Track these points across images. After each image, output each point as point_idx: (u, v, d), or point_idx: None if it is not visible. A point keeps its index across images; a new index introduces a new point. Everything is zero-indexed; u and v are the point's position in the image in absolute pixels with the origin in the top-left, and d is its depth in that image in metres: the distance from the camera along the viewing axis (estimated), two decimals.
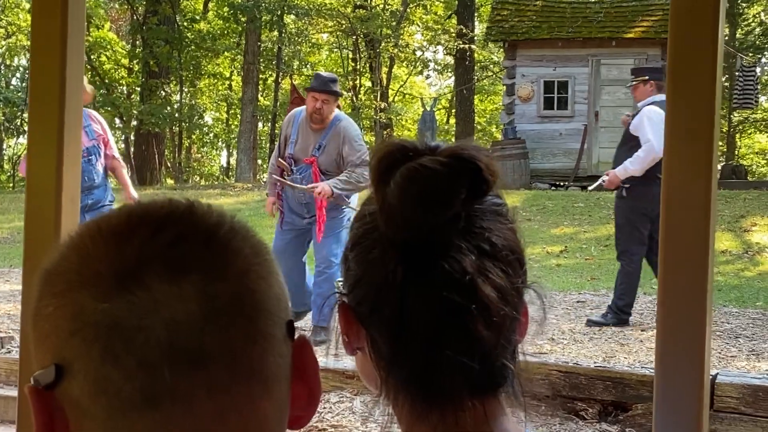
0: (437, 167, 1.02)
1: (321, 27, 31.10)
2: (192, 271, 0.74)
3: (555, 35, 21.60)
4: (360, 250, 1.09)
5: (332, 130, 7.70)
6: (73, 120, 1.43)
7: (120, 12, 35.19)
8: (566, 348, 7.39)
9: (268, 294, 0.79)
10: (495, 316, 1.02)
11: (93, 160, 7.85)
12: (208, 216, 0.79)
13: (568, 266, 11.93)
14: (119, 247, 0.75)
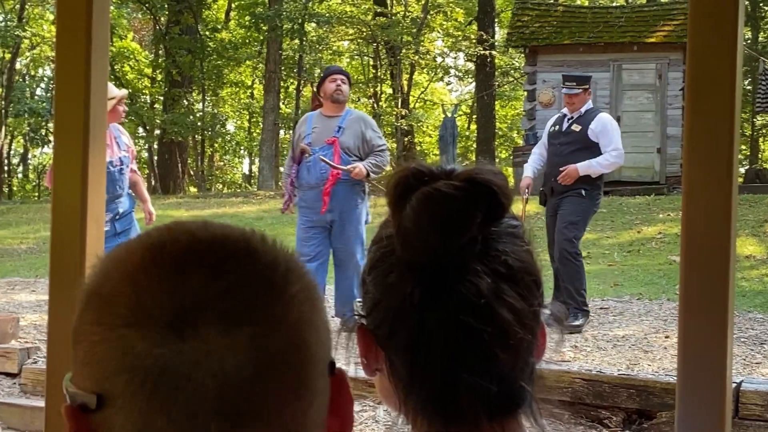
0: (453, 192, 1.04)
1: (342, 35, 31.14)
2: (246, 322, 0.73)
3: (576, 40, 21.55)
4: (377, 274, 1.10)
5: (349, 116, 8.23)
6: (98, 141, 1.45)
7: (143, 22, 35.38)
8: (590, 355, 7.37)
9: (317, 343, 0.78)
10: (512, 338, 1.03)
11: (124, 169, 7.97)
12: (264, 257, 0.77)
13: (590, 272, 11.86)
14: (176, 288, 0.73)
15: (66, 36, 1.43)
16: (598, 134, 8.51)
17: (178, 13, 28.16)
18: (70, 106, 1.43)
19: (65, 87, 1.43)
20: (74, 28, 1.41)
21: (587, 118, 8.62)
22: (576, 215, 8.52)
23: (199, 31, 29.22)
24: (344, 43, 33.14)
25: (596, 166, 8.43)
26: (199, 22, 29.34)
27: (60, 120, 1.44)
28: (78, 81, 1.42)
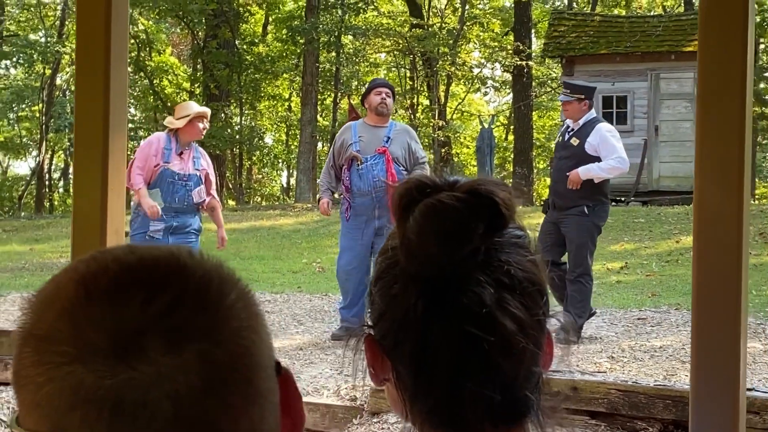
0: (455, 203, 1.05)
1: (378, 47, 31.22)
2: (190, 339, 0.73)
3: (613, 50, 21.47)
4: (382, 285, 1.11)
5: (395, 127, 8.62)
6: (117, 152, 1.47)
7: (181, 36, 35.68)
8: (626, 366, 7.32)
9: (261, 347, 0.79)
10: (515, 347, 1.04)
11: (190, 186, 8.20)
12: (196, 272, 0.78)
13: (628, 283, 11.83)
14: (114, 317, 0.73)
15: (85, 48, 1.45)
16: (597, 147, 8.40)
17: (215, 27, 28.37)
18: (89, 130, 1.45)
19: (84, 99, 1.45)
20: (93, 40, 1.44)
21: (585, 131, 8.50)
22: (581, 237, 8.43)
23: (237, 45, 29.42)
24: (381, 55, 33.22)
25: (597, 170, 8.34)
26: (237, 36, 29.54)
27: (80, 143, 1.46)
28: (97, 91, 1.44)
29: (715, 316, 1.28)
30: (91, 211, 1.46)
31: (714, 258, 1.27)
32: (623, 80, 21.15)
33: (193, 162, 8.28)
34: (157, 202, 8.04)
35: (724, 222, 1.26)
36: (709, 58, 1.28)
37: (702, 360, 1.29)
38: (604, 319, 9.52)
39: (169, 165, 8.14)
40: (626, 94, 21.17)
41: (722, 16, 1.27)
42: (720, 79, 1.27)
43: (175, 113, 8.45)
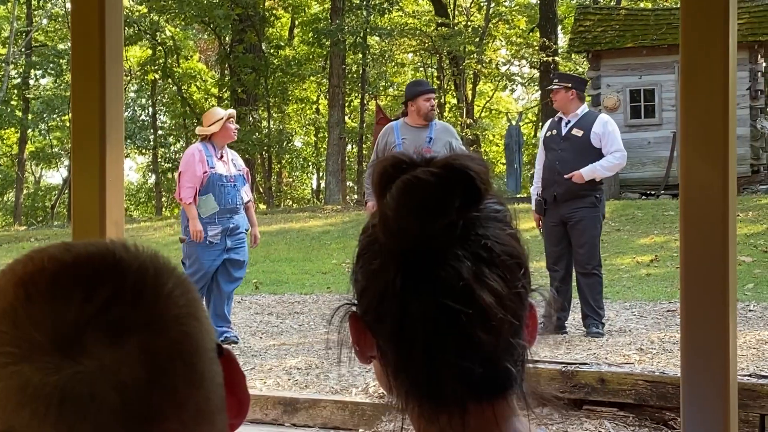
0: (430, 178, 1.06)
1: (404, 47, 31.23)
2: (131, 330, 0.75)
3: (639, 43, 21.36)
4: (363, 262, 1.12)
5: (436, 127, 8.75)
6: (115, 143, 1.49)
7: (208, 42, 35.84)
8: (655, 357, 7.30)
9: (200, 331, 0.80)
10: (493, 320, 1.04)
11: (238, 186, 8.54)
12: (132, 264, 0.79)
13: (658, 275, 11.77)
14: (55, 315, 0.75)
15: (80, 49, 1.47)
16: (601, 137, 8.41)
17: (241, 32, 28.50)
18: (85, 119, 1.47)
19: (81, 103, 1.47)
20: (88, 31, 1.46)
21: (587, 121, 8.50)
22: (595, 227, 8.42)
23: (263, 49, 29.52)
24: (407, 55, 33.23)
25: (600, 169, 8.35)
26: (263, 40, 29.65)
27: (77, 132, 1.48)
28: (93, 83, 1.46)
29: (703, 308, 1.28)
30: (89, 203, 1.48)
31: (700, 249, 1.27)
32: (650, 73, 21.04)
33: (233, 164, 8.59)
34: (212, 206, 8.31)
35: (710, 197, 1.26)
36: (691, 25, 1.28)
37: (691, 348, 1.29)
38: (633, 311, 9.49)
39: (215, 169, 8.37)
40: (654, 87, 21.07)
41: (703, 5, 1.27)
42: (702, 47, 1.27)
43: (204, 122, 8.65)
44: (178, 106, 32.78)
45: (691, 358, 1.31)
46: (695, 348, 1.30)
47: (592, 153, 8.38)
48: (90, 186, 1.46)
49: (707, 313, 1.29)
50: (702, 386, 1.30)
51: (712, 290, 1.27)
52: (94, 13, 1.46)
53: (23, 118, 31.70)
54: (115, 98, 1.47)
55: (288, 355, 8.07)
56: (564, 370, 6.13)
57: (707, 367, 1.30)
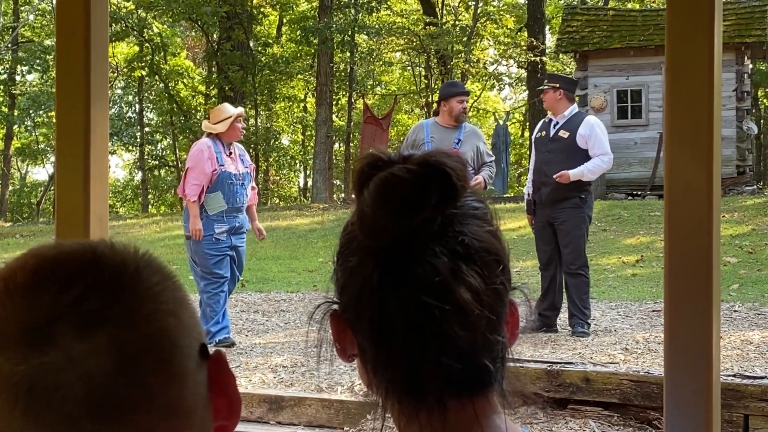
0: (406, 175, 1.06)
1: (392, 46, 31.24)
2: (102, 324, 0.76)
3: (627, 44, 21.41)
4: (343, 259, 1.13)
5: (465, 129, 8.90)
6: (100, 138, 1.48)
7: (195, 39, 35.78)
8: (640, 357, 7.32)
9: (179, 328, 0.81)
10: (470, 316, 1.04)
11: (245, 184, 8.50)
12: (111, 261, 0.81)
13: (644, 276, 11.80)
14: (29, 307, 0.77)
15: (65, 43, 1.46)
16: (587, 139, 8.44)
17: (229, 29, 28.46)
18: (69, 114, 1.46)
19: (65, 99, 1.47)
20: (74, 34, 1.45)
21: (574, 122, 8.53)
22: (580, 227, 8.45)
23: (251, 47, 29.49)
24: (395, 53, 33.24)
25: (587, 173, 8.41)
26: (251, 38, 29.60)
27: (61, 127, 1.48)
28: (78, 78, 1.46)
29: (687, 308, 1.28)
30: (74, 199, 1.47)
31: (684, 249, 1.27)
32: (637, 74, 21.09)
33: (241, 160, 8.55)
34: (220, 204, 8.28)
35: (695, 197, 1.27)
36: (676, 25, 1.29)
37: (675, 353, 1.29)
38: (619, 311, 9.51)
39: (225, 167, 8.33)
40: (641, 87, 21.13)
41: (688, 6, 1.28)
42: (688, 47, 1.28)
43: (211, 118, 8.59)
44: (165, 104, 32.71)
45: (675, 357, 1.31)
46: (678, 347, 1.31)
47: (578, 155, 8.41)
48: (74, 181, 1.46)
49: (691, 312, 1.29)
50: (685, 386, 1.30)
51: (696, 290, 1.28)
52: (79, 7, 1.46)
53: (9, 114, 31.61)
54: (100, 94, 1.47)
55: (274, 353, 8.06)
56: (549, 370, 6.14)
57: (690, 367, 1.30)
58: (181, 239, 18.51)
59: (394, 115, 27.51)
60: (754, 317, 8.82)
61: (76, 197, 1.46)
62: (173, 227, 20.69)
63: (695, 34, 1.27)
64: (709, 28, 1.26)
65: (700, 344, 1.29)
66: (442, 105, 8.96)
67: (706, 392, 1.30)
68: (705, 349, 1.29)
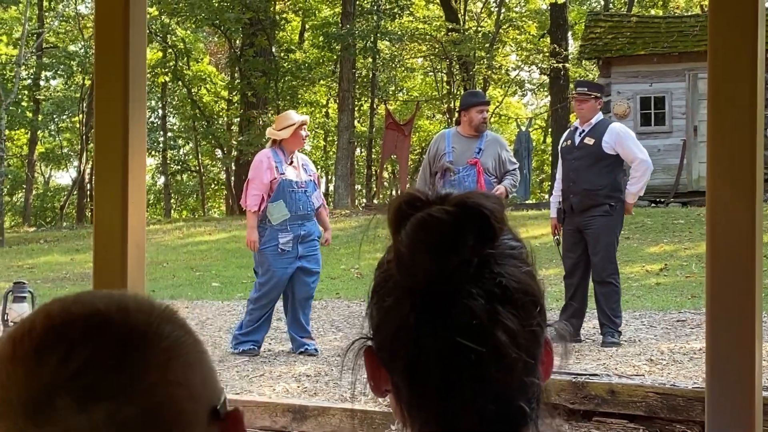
0: (444, 216, 1.07)
1: (414, 52, 31.24)
2: (100, 398, 0.76)
3: (650, 51, 21.32)
4: (378, 298, 1.13)
5: (487, 138, 8.92)
6: (137, 166, 1.49)
7: (218, 45, 35.89)
8: (665, 368, 7.28)
9: (185, 397, 0.80)
10: (506, 358, 1.05)
11: (309, 191, 8.49)
12: (119, 329, 0.80)
13: (667, 284, 11.74)
14: (31, 376, 0.77)
15: (104, 61, 1.47)
16: (614, 146, 8.41)
17: (252, 35, 28.51)
18: (108, 142, 1.47)
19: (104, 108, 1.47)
20: (112, 52, 1.46)
21: (599, 130, 8.51)
22: (609, 236, 8.43)
23: (273, 53, 29.54)
24: (417, 59, 33.24)
25: (637, 191, 8.47)
26: (273, 44, 29.66)
27: (100, 155, 1.49)
28: (116, 105, 1.46)
29: (729, 319, 1.28)
30: (111, 225, 1.48)
31: (727, 260, 1.27)
32: (661, 81, 21.00)
33: (303, 169, 8.55)
34: (283, 213, 8.29)
35: (737, 223, 1.26)
36: (719, 57, 1.28)
37: (717, 363, 1.29)
38: (643, 321, 9.46)
39: (285, 175, 8.33)
40: (664, 94, 21.03)
41: (731, 14, 1.27)
42: (730, 78, 1.27)
43: (275, 124, 8.63)
44: (188, 109, 32.81)
45: (717, 371, 1.31)
46: (720, 362, 1.30)
47: (605, 160, 8.40)
48: (112, 208, 1.46)
49: (733, 327, 1.29)
50: (727, 399, 1.30)
51: (738, 304, 1.27)
52: (118, 19, 1.46)
53: (33, 119, 31.76)
54: (139, 121, 1.47)
55: (297, 362, 8.06)
56: (574, 381, 6.11)
57: (732, 381, 1.29)
58: (204, 245, 18.62)
59: (415, 121, 27.49)
60: None
61: (114, 225, 1.46)
62: (196, 233, 20.75)
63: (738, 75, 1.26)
64: (752, 70, 1.25)
65: (742, 358, 1.28)
66: (462, 115, 9.01)
67: (748, 406, 1.29)
68: (747, 362, 1.29)
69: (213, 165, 37.09)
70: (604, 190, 8.33)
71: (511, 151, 9.14)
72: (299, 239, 8.36)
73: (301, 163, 8.56)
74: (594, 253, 8.38)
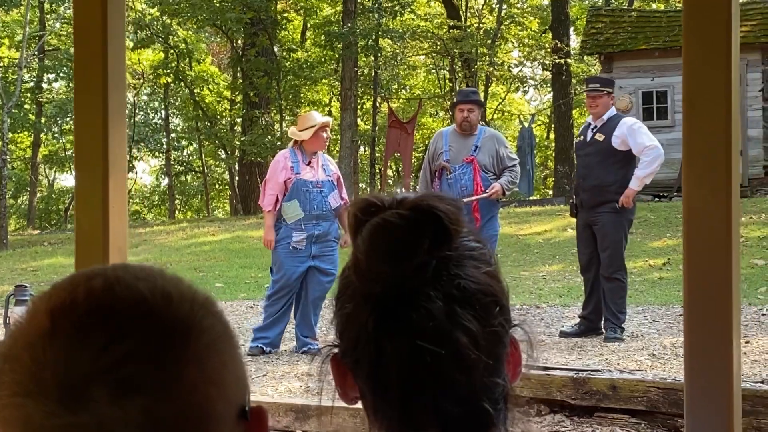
0: (398, 220, 1.06)
1: (416, 49, 31.23)
2: (138, 392, 0.75)
3: (651, 45, 21.32)
4: (340, 304, 1.13)
5: (483, 135, 8.92)
6: (118, 169, 1.49)
7: (220, 45, 35.90)
8: (668, 363, 7.28)
9: (218, 397, 0.80)
10: (467, 359, 1.04)
11: (325, 192, 8.50)
12: (163, 320, 0.79)
13: (671, 279, 11.74)
14: (70, 359, 0.75)
15: (83, 68, 1.48)
16: (626, 140, 8.38)
17: (253, 35, 28.51)
18: (88, 146, 1.48)
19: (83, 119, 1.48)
20: (91, 61, 1.46)
21: (610, 125, 8.49)
22: (617, 233, 8.41)
23: (275, 52, 29.55)
24: (420, 57, 33.22)
25: (644, 175, 8.35)
26: (275, 43, 29.66)
27: (80, 159, 1.49)
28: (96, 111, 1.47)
29: (706, 317, 1.28)
30: (92, 230, 1.48)
31: (703, 259, 1.27)
32: (663, 75, 20.99)
33: (323, 169, 8.56)
34: (297, 213, 8.35)
35: (712, 222, 1.26)
36: (692, 58, 1.28)
37: (695, 361, 1.29)
38: (646, 316, 9.46)
39: (300, 175, 8.38)
40: (666, 89, 21.02)
41: (705, 17, 1.27)
42: (704, 80, 1.27)
43: (298, 124, 8.72)
44: (190, 110, 32.83)
45: (695, 366, 1.31)
46: (698, 357, 1.31)
47: (615, 157, 8.39)
48: (93, 213, 1.47)
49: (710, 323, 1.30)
50: (705, 394, 1.30)
51: (716, 300, 1.28)
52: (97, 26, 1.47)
53: (36, 121, 31.81)
54: (119, 126, 1.48)
55: (300, 361, 8.07)
56: (576, 377, 6.12)
57: (710, 375, 1.30)
58: (207, 246, 18.63)
59: (419, 119, 27.49)
60: None
61: (94, 230, 1.46)
62: (200, 233, 20.76)
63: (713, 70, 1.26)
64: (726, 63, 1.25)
65: (719, 353, 1.29)
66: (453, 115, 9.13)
67: (727, 400, 1.30)
68: (725, 357, 1.29)
69: (217, 165, 37.13)
70: (613, 187, 8.32)
71: (510, 147, 9.14)
72: (314, 239, 8.38)
73: (321, 163, 8.58)
74: (602, 249, 8.39)
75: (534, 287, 12.03)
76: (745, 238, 14.03)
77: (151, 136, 34.77)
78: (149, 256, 17.72)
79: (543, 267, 13.76)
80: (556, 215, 17.70)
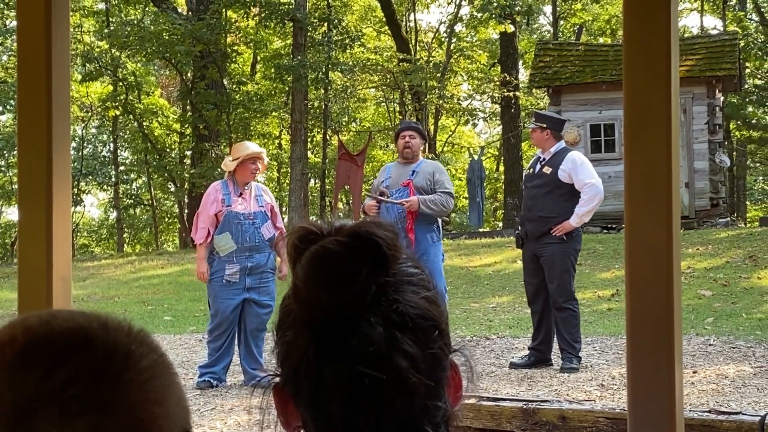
0: (336, 248, 1.07)
1: (366, 82, 31.34)
2: (82, 413, 0.76)
3: (599, 78, 21.58)
4: (281, 333, 1.13)
5: (423, 163, 9.08)
6: (62, 198, 1.48)
7: (169, 78, 35.79)
8: (616, 393, 7.32)
9: (162, 417, 0.81)
10: (407, 383, 1.05)
11: (257, 223, 8.43)
12: (102, 346, 0.81)
13: (619, 310, 11.82)
14: (13, 389, 0.77)
15: (26, 97, 1.47)
16: (570, 174, 8.51)
17: (203, 68, 28.45)
18: (32, 175, 1.46)
19: (27, 147, 1.47)
20: (34, 89, 1.46)
21: (557, 159, 8.63)
22: (563, 263, 8.49)
23: (225, 85, 29.50)
24: (369, 90, 33.34)
25: (582, 213, 8.46)
26: (225, 76, 29.62)
27: (23, 188, 1.48)
28: (40, 138, 1.46)
29: (647, 346, 1.29)
30: (36, 259, 1.47)
31: (645, 287, 1.28)
32: (610, 108, 21.24)
33: (256, 200, 8.51)
34: (229, 245, 8.27)
35: (653, 250, 1.28)
36: (633, 86, 1.30)
37: (638, 391, 1.30)
38: (595, 347, 9.52)
39: (232, 207, 8.33)
40: (614, 121, 21.27)
41: (645, 42, 1.29)
42: (645, 106, 1.29)
43: (231, 154, 8.68)
44: (139, 142, 32.65)
45: (638, 396, 1.32)
46: (641, 386, 1.32)
47: (559, 190, 8.49)
48: (36, 243, 1.45)
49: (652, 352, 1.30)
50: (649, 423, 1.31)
51: (657, 329, 1.29)
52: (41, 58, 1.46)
53: None
54: (62, 155, 1.47)
55: (248, 394, 8.00)
56: (525, 408, 6.12)
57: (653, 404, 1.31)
58: (156, 279, 18.49)
59: (369, 151, 27.54)
60: (729, 351, 8.84)
61: (38, 259, 1.45)
62: (148, 267, 20.60)
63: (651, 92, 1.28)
64: (666, 91, 1.27)
65: (661, 380, 1.30)
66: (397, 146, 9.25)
67: (669, 427, 1.31)
68: (667, 383, 1.30)
69: (166, 198, 36.91)
70: (558, 218, 8.40)
71: (447, 177, 9.14)
72: (247, 271, 8.31)
73: (255, 194, 8.52)
74: (550, 280, 8.45)
75: (484, 318, 12.06)
76: (692, 270, 14.18)
77: (100, 169, 34.51)
78: (97, 289, 17.55)
79: (493, 298, 13.81)
80: (505, 247, 17.79)
